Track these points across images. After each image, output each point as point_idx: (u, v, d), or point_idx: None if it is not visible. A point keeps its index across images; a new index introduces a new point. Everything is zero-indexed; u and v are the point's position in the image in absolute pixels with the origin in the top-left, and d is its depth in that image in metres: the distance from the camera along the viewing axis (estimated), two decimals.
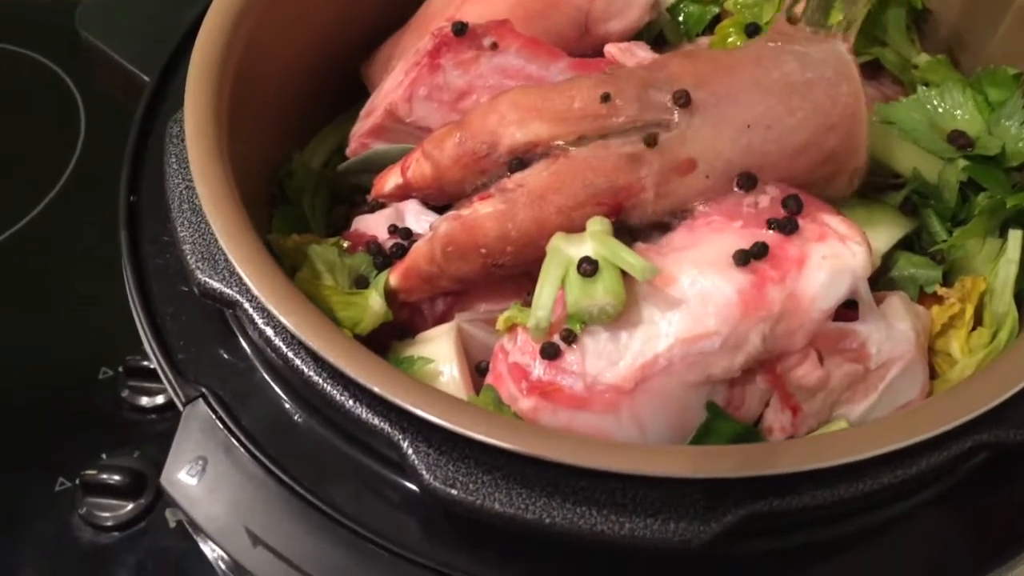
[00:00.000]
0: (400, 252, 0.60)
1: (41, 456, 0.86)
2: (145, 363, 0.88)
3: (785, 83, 0.56)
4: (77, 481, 0.83)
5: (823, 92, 0.56)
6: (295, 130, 0.70)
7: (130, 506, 0.83)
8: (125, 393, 0.90)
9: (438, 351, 0.56)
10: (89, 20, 0.69)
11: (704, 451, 0.45)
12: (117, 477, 0.83)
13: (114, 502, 0.84)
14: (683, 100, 0.54)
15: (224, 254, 0.51)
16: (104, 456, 0.84)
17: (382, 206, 0.64)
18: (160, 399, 0.89)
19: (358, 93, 0.72)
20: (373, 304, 0.55)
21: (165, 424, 0.89)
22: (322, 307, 0.54)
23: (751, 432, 0.52)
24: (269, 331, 0.50)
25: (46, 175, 1.05)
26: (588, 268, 0.51)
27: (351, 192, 0.69)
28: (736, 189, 0.55)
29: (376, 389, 0.44)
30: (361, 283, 0.59)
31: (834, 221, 0.53)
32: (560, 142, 0.55)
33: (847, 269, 0.51)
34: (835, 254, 0.51)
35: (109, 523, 0.82)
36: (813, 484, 0.44)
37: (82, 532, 0.82)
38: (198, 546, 0.80)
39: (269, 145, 0.65)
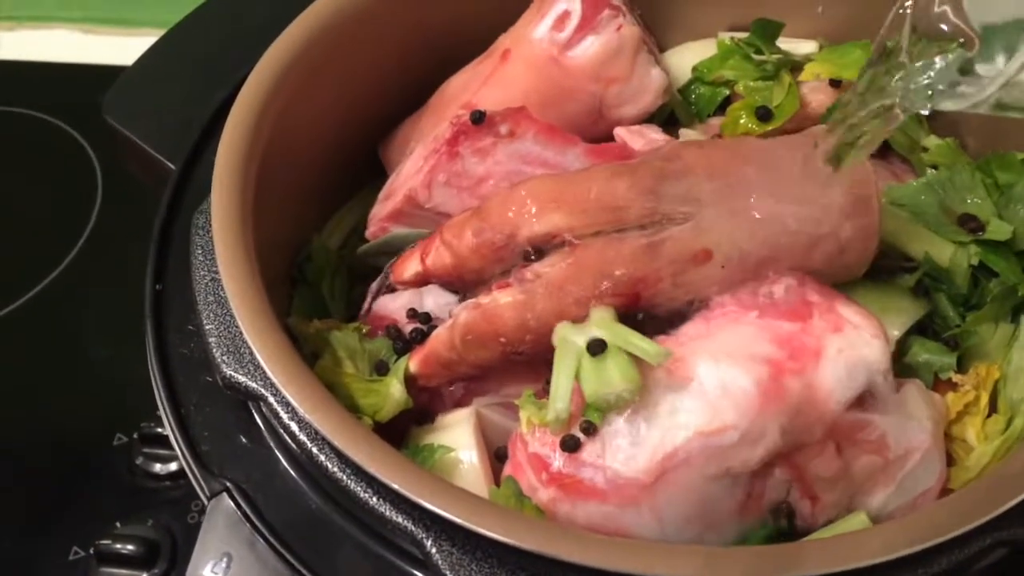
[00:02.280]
0: (420, 337, 0.61)
1: (55, 523, 0.86)
2: (159, 430, 0.89)
3: (798, 175, 0.57)
4: (91, 551, 0.83)
5: (836, 184, 0.57)
6: (314, 210, 0.71)
7: None
8: (139, 460, 0.90)
9: (457, 438, 0.57)
10: (115, 107, 0.70)
11: (721, 553, 0.45)
12: (131, 547, 0.83)
13: (128, 572, 0.83)
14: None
15: (249, 347, 0.52)
16: (118, 524, 0.84)
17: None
18: (173, 466, 0.89)
19: (374, 171, 0.74)
20: (394, 392, 0.56)
21: (179, 491, 0.89)
22: (343, 394, 0.55)
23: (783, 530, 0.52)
24: (294, 426, 0.50)
25: (62, 241, 1.06)
26: (597, 347, 0.51)
27: (370, 273, 0.70)
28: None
29: (400, 489, 0.44)
30: (381, 369, 0.60)
31: (848, 311, 0.53)
32: (577, 234, 0.56)
33: (863, 362, 0.52)
34: (851, 346, 0.52)
35: None
36: None
37: None
38: None
39: (289, 227, 0.67)
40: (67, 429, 0.92)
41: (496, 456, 0.58)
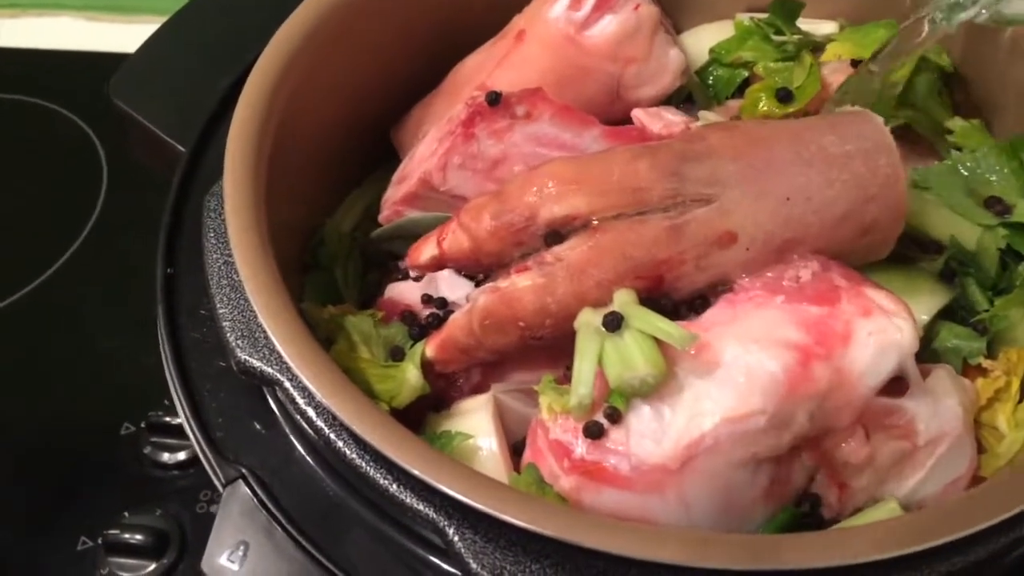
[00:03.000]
0: (436, 322, 0.60)
1: (63, 514, 0.85)
2: (167, 419, 0.88)
3: (824, 155, 0.56)
4: (99, 540, 0.82)
5: (862, 163, 0.56)
6: (325, 193, 0.70)
7: (152, 566, 0.82)
8: (147, 449, 0.89)
9: (476, 425, 0.56)
10: (122, 89, 0.69)
11: (762, 542, 0.44)
12: (139, 536, 0.82)
13: (136, 562, 0.82)
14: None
15: (264, 331, 0.51)
16: (126, 514, 0.83)
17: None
18: (182, 455, 0.88)
19: (386, 153, 0.73)
20: (410, 378, 0.55)
21: (187, 480, 0.88)
22: (358, 380, 0.54)
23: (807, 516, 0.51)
24: (310, 411, 0.49)
25: (68, 230, 1.05)
26: (614, 323, 0.50)
27: (384, 258, 0.68)
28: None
29: (422, 475, 0.43)
30: (397, 354, 0.58)
31: (878, 296, 0.52)
32: (598, 216, 0.54)
33: (894, 345, 0.51)
34: (881, 330, 0.51)
35: None
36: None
37: None
38: None
39: (301, 210, 0.65)
40: (74, 418, 0.91)
41: (514, 450, 0.57)
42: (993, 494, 0.46)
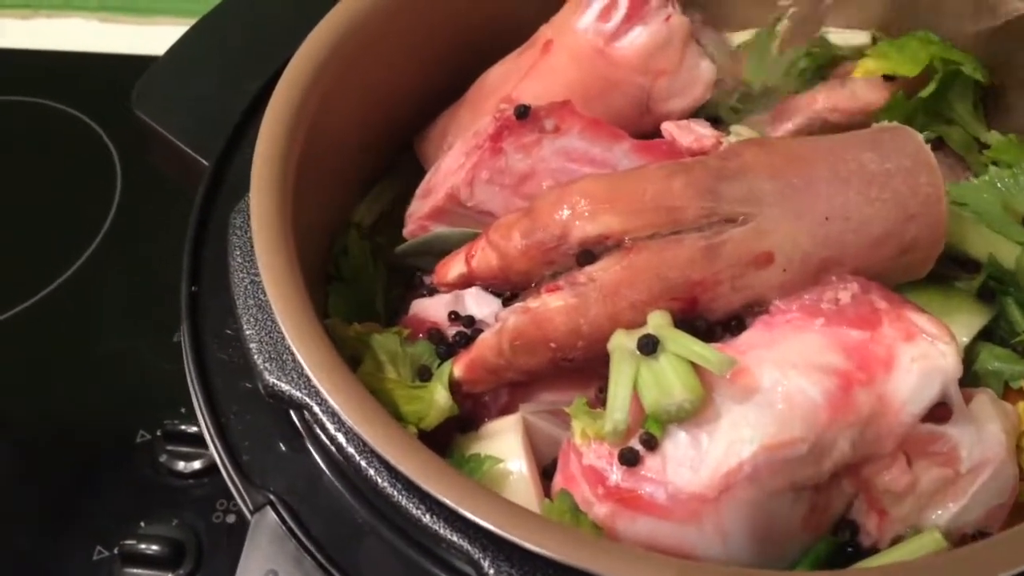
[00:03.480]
0: (463, 341, 0.59)
1: (78, 523, 0.85)
2: (183, 427, 0.87)
3: (863, 173, 0.54)
4: (116, 551, 0.81)
5: (902, 182, 0.55)
6: (349, 199, 0.69)
7: None
8: (163, 458, 0.88)
9: (505, 448, 0.55)
10: (145, 100, 0.68)
11: None
12: (156, 547, 0.81)
13: (153, 572, 0.82)
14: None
15: (292, 354, 0.50)
16: (142, 524, 0.83)
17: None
18: (197, 464, 0.88)
19: (406, 157, 0.72)
20: (439, 399, 0.54)
21: (203, 489, 0.88)
22: (385, 401, 0.53)
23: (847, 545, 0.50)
24: (340, 437, 0.48)
25: (82, 234, 1.04)
26: (650, 346, 0.49)
27: (408, 271, 0.67)
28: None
29: (459, 508, 0.42)
30: (424, 374, 0.57)
31: (921, 319, 0.51)
32: (632, 236, 0.53)
33: (938, 371, 0.49)
34: (924, 355, 0.50)
35: None
36: None
37: None
38: None
39: (323, 217, 0.65)
40: (88, 426, 0.90)
41: (543, 472, 0.55)
42: None
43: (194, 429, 0.86)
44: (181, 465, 0.87)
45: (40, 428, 0.90)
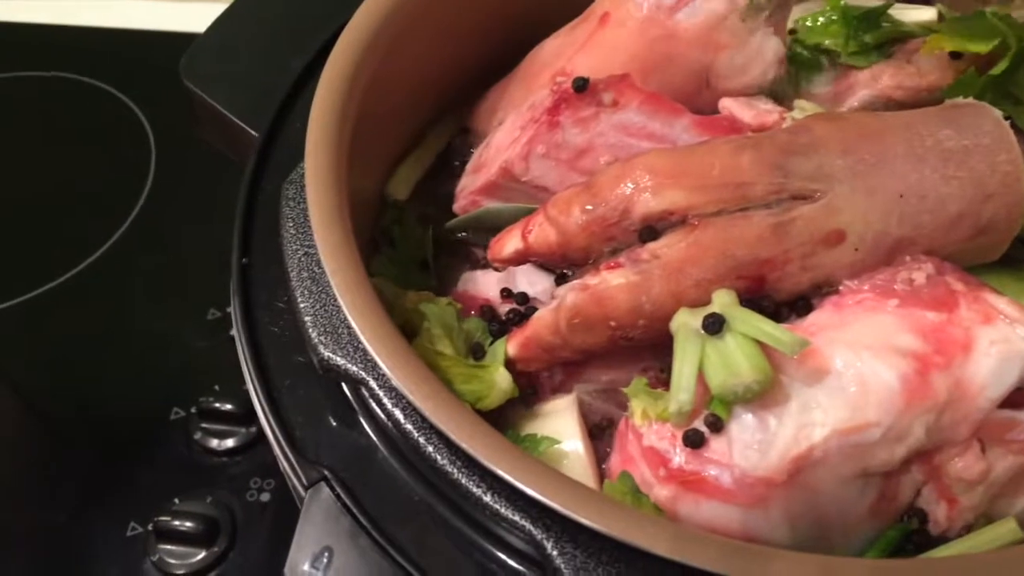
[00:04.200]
0: (517, 319, 0.57)
1: (112, 499, 0.85)
2: (217, 405, 0.87)
3: (940, 150, 0.52)
4: (150, 527, 0.81)
5: (980, 160, 0.52)
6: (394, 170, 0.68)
7: (203, 554, 0.81)
8: (197, 435, 0.88)
9: (561, 428, 0.54)
10: (193, 70, 0.67)
11: (895, 567, 0.41)
12: (190, 524, 0.81)
13: (187, 549, 0.81)
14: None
15: (348, 327, 0.49)
16: (177, 500, 0.82)
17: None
18: (231, 442, 0.87)
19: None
20: (501, 381, 0.53)
21: (237, 467, 0.87)
22: (440, 378, 0.51)
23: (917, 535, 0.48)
24: (398, 413, 0.47)
25: (117, 211, 1.04)
26: (715, 325, 0.48)
27: (457, 245, 0.66)
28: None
29: (526, 488, 0.41)
30: (477, 351, 0.56)
31: (1000, 303, 0.49)
32: (697, 212, 0.51)
33: (1018, 355, 0.48)
34: (1004, 339, 0.48)
35: (181, 571, 0.80)
36: None
37: None
38: None
39: (373, 191, 0.63)
40: (123, 403, 0.90)
41: (590, 433, 0.54)
42: None
43: (229, 406, 0.86)
44: (215, 443, 0.87)
45: (74, 405, 0.89)
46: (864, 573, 0.39)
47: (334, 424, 0.52)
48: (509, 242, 0.58)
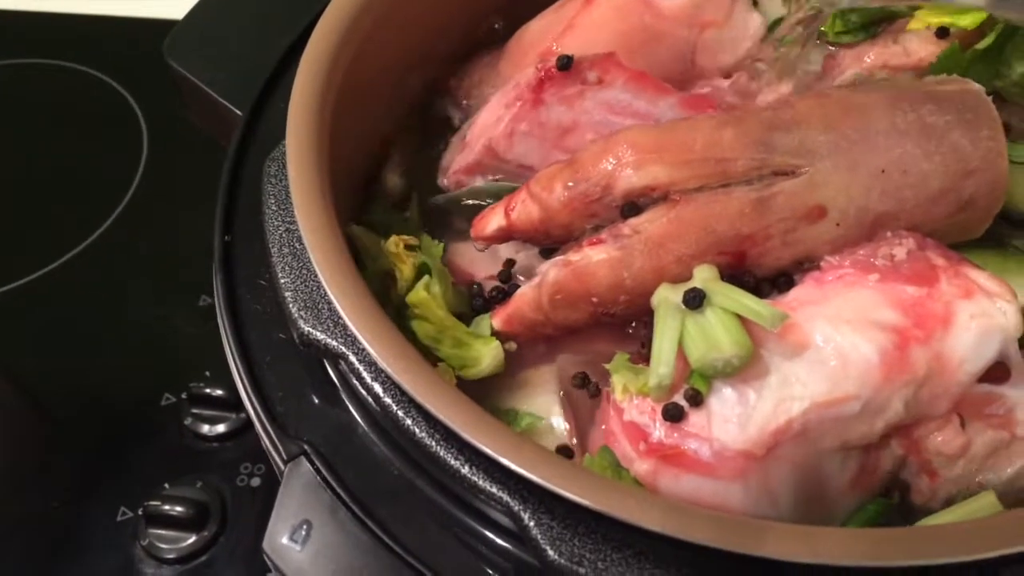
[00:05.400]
0: (500, 296, 0.57)
1: (104, 484, 0.85)
2: (208, 390, 0.86)
3: (922, 125, 0.52)
4: (140, 511, 0.81)
5: (962, 135, 0.52)
6: (380, 145, 0.67)
7: (192, 538, 0.81)
8: (188, 421, 0.88)
9: (542, 401, 0.54)
10: (178, 50, 0.66)
11: (878, 536, 0.41)
12: (180, 508, 0.81)
13: (176, 534, 0.81)
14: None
15: (328, 302, 0.49)
16: (167, 485, 0.82)
17: None
18: (222, 427, 0.87)
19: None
20: (491, 353, 0.53)
21: (227, 453, 0.87)
22: (430, 335, 0.51)
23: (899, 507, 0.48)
24: (377, 387, 0.47)
25: (108, 198, 1.04)
26: (695, 300, 0.48)
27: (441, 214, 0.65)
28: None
29: (503, 459, 0.41)
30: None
31: (981, 277, 0.49)
32: (679, 188, 0.51)
33: (997, 329, 0.47)
34: (984, 313, 0.48)
35: (171, 555, 0.80)
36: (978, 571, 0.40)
37: (144, 564, 0.80)
38: None
39: (354, 167, 0.63)
40: (114, 388, 0.90)
41: (572, 383, 0.54)
42: None
43: (219, 392, 0.86)
44: (206, 428, 0.87)
45: (65, 391, 0.89)
46: (846, 541, 0.39)
47: (314, 400, 0.52)
48: (492, 220, 0.58)
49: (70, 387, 0.90)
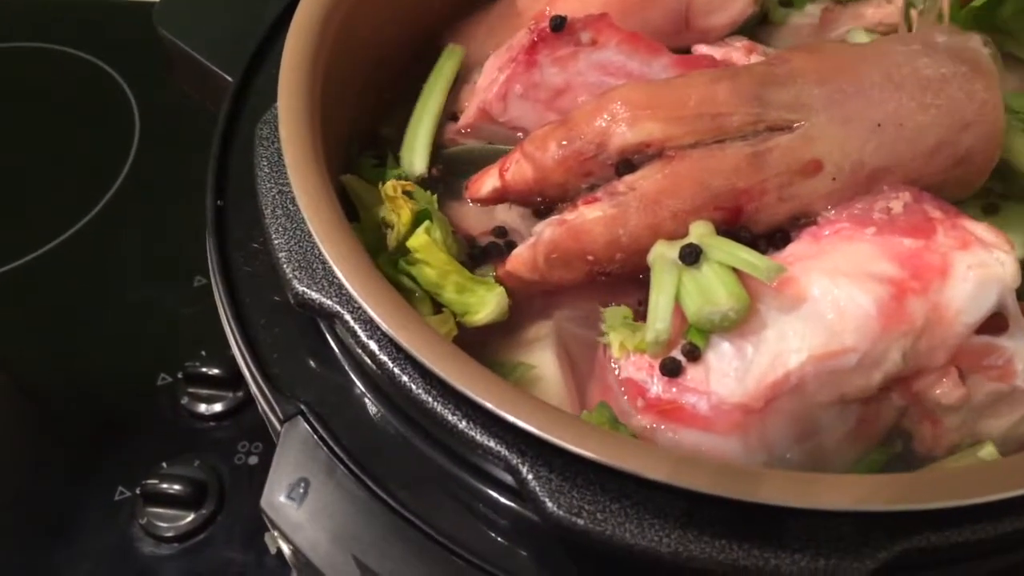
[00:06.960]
0: (496, 253, 0.57)
1: (100, 464, 0.85)
2: (204, 369, 0.86)
3: (917, 78, 0.52)
4: (137, 491, 0.81)
5: (958, 88, 0.52)
6: (369, 106, 0.66)
7: (191, 516, 0.81)
8: (184, 400, 0.88)
9: (540, 357, 0.54)
10: (167, 17, 0.66)
11: (866, 482, 0.41)
12: (177, 487, 0.81)
13: (174, 512, 0.81)
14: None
15: (322, 262, 0.48)
16: (164, 465, 0.82)
17: None
18: (218, 407, 0.87)
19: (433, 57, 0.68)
20: (495, 302, 0.52)
21: (224, 432, 0.87)
22: (432, 280, 0.51)
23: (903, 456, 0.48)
24: (373, 344, 0.47)
25: (101, 179, 1.03)
26: (692, 255, 0.48)
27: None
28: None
29: (498, 411, 0.41)
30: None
31: (978, 228, 0.49)
32: (674, 144, 0.51)
33: (995, 280, 0.47)
34: (981, 263, 0.47)
35: (169, 534, 0.80)
36: (974, 518, 0.40)
37: (142, 543, 0.80)
38: (260, 558, 0.78)
39: (345, 127, 0.62)
40: (110, 369, 0.90)
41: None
42: None
43: (216, 371, 0.85)
44: (203, 407, 0.87)
45: (62, 372, 0.89)
46: (848, 487, 0.39)
47: (310, 361, 0.51)
48: (487, 181, 0.57)
49: (67, 368, 0.90)
